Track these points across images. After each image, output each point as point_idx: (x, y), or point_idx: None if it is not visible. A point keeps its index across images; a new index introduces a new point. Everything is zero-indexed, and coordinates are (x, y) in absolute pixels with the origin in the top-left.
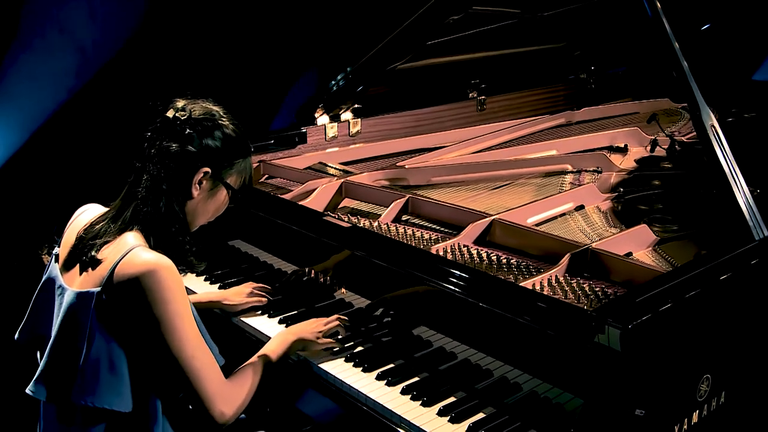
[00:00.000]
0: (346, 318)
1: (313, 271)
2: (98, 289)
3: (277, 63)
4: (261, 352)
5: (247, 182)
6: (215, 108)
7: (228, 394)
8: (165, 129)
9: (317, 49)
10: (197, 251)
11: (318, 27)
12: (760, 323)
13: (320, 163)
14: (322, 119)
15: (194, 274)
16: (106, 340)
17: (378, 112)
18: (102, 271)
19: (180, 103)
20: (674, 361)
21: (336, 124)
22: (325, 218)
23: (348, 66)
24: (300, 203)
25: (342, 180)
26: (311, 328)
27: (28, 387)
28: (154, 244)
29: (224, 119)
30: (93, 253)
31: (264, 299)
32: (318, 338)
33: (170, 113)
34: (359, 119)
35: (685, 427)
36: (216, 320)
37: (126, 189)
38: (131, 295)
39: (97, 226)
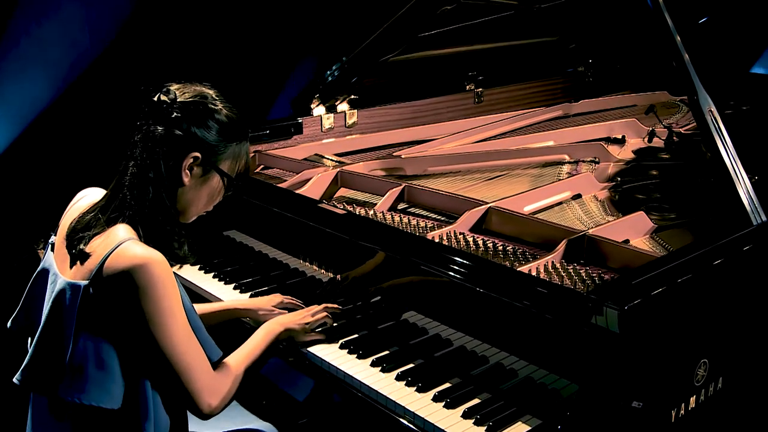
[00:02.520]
0: (337, 306)
1: (308, 262)
2: (86, 282)
3: (274, 53)
4: (248, 342)
5: (242, 168)
6: (208, 91)
7: (216, 386)
8: (152, 113)
9: (314, 39)
10: (189, 242)
11: (315, 17)
12: (759, 308)
13: (316, 154)
14: (318, 110)
15: (188, 264)
16: (94, 335)
17: (375, 104)
18: (91, 264)
19: (172, 88)
20: (671, 345)
21: (332, 114)
22: (320, 206)
23: (343, 56)
24: (295, 192)
25: (338, 169)
26: (298, 318)
27: (15, 376)
28: (143, 235)
29: (216, 102)
30: (82, 246)
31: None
32: (305, 329)
33: (157, 97)
34: (356, 110)
35: (682, 411)
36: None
37: (116, 178)
38: (120, 290)
39: (87, 217)
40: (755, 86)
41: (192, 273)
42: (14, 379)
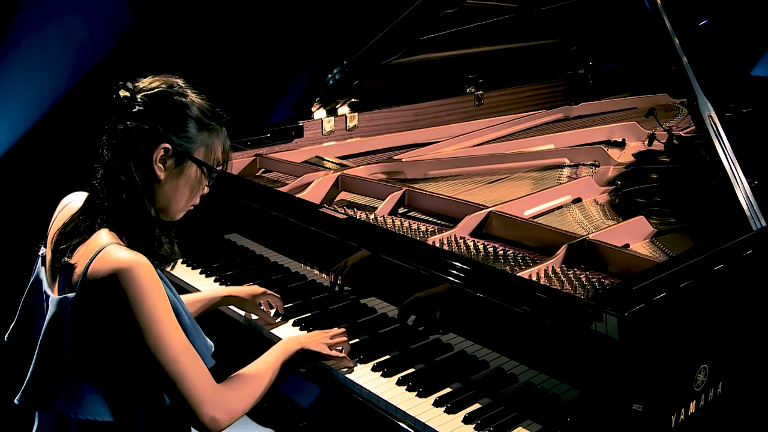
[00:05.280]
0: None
1: (308, 266)
2: (73, 294)
3: (275, 57)
4: (262, 358)
5: (220, 157)
6: (175, 80)
7: (219, 398)
8: (115, 111)
9: (315, 42)
10: (176, 241)
11: (316, 21)
12: (759, 313)
13: (317, 157)
14: (319, 113)
15: (190, 268)
16: (86, 347)
17: (375, 107)
18: (76, 274)
19: (139, 83)
20: (671, 350)
21: (333, 118)
22: (321, 210)
23: (344, 59)
24: (296, 196)
25: (338, 173)
26: (318, 338)
27: (17, 397)
28: (125, 238)
29: (183, 91)
30: (66, 258)
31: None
32: (323, 350)
33: (117, 93)
34: (356, 113)
35: (682, 416)
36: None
37: (91, 183)
38: (105, 297)
39: (68, 228)
40: (755, 89)
41: (193, 277)
42: (15, 400)
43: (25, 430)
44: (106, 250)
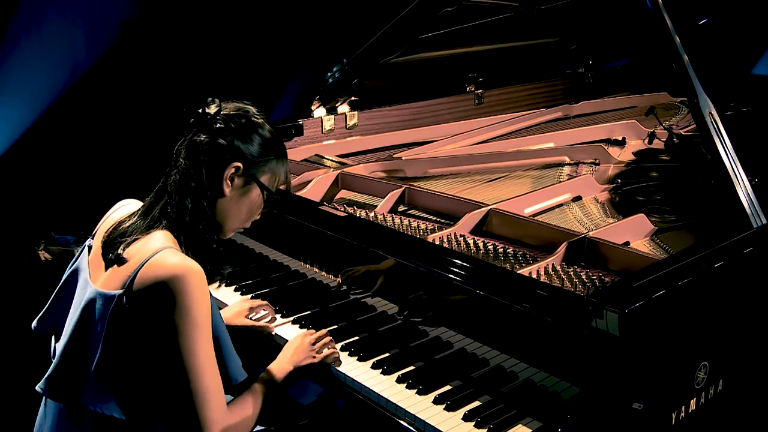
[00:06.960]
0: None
1: (308, 264)
2: (120, 291)
3: (275, 55)
4: (259, 382)
5: (282, 184)
6: (249, 107)
7: (227, 423)
8: (197, 124)
9: (315, 41)
10: (224, 253)
11: (315, 19)
12: (760, 311)
13: (317, 155)
14: (319, 111)
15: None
16: (121, 346)
17: (375, 105)
18: (127, 270)
19: (214, 103)
20: (672, 348)
21: (333, 116)
22: (320, 208)
23: (344, 57)
24: (296, 194)
25: (338, 171)
26: (302, 349)
27: (39, 384)
28: (182, 244)
29: (258, 117)
30: (120, 251)
31: (271, 312)
32: (314, 357)
33: (202, 108)
34: (356, 112)
35: (683, 414)
36: None
37: (159, 185)
38: (152, 300)
39: (126, 224)
40: (756, 87)
41: None
42: (37, 387)
43: (29, 417)
44: (161, 255)
